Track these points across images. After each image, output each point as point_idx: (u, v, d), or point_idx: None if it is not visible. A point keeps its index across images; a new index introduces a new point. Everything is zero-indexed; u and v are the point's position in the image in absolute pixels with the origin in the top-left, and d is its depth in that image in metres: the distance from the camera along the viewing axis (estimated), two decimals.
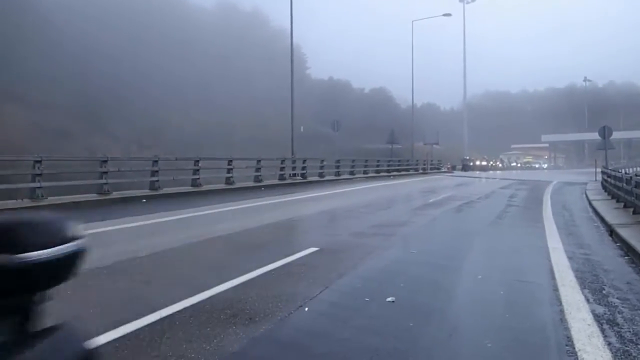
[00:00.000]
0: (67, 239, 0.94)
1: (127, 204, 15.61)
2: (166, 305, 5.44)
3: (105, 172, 16.39)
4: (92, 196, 16.00)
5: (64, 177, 16.54)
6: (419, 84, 51.83)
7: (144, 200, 16.64)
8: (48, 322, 0.99)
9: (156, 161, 18.39)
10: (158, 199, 17.08)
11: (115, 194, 16.56)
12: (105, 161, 16.42)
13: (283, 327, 5.07)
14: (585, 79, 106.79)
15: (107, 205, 15.35)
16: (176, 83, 59.96)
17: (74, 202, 14.89)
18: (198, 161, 20.41)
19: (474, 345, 4.75)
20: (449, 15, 56.72)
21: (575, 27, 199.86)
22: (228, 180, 22.12)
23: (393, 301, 5.89)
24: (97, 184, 16.59)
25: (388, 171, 41.78)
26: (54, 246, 0.91)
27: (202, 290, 6.02)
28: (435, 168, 52.60)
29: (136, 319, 5.03)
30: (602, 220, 13.76)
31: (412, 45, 51.34)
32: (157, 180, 18.25)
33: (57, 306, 3.92)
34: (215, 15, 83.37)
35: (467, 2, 76.78)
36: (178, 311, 5.34)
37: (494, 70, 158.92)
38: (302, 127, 31.20)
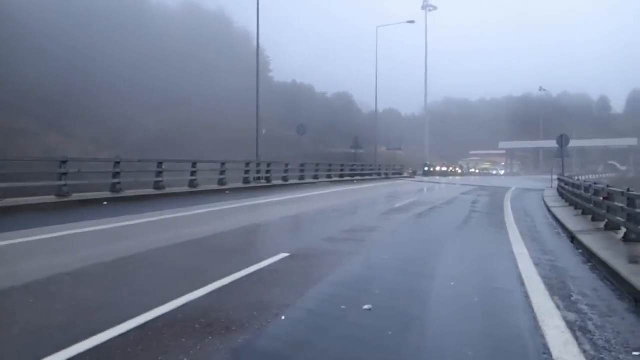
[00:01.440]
0: None
1: (87, 207, 15.16)
2: (137, 315, 5.24)
3: (65, 174, 15.83)
4: (51, 198, 15.43)
5: (19, 178, 15.93)
6: (381, 90, 52.30)
7: (105, 203, 16.17)
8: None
9: (118, 162, 17.92)
10: (120, 202, 16.66)
11: (75, 196, 15.99)
12: (65, 162, 15.87)
13: (262, 337, 4.95)
14: (540, 89, 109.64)
15: (67, 208, 14.86)
16: (137, 82, 58.80)
17: (30, 204, 14.33)
18: (161, 163, 20.00)
19: (456, 354, 4.75)
20: (412, 22, 57.48)
21: (533, 38, 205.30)
22: (192, 183, 21.79)
23: (370, 309, 5.86)
24: (55, 186, 15.96)
25: (352, 176, 41.93)
26: None
27: (174, 298, 5.85)
28: (397, 173, 53.07)
29: (106, 329, 4.83)
30: (563, 227, 14.08)
31: (376, 51, 51.85)
32: (119, 183, 17.79)
33: (19, 316, 3.74)
34: (179, 15, 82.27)
35: (430, 10, 77.84)
36: (150, 320, 5.15)
37: (454, 78, 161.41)
38: (264, 130, 30.97)
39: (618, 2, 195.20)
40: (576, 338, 5.20)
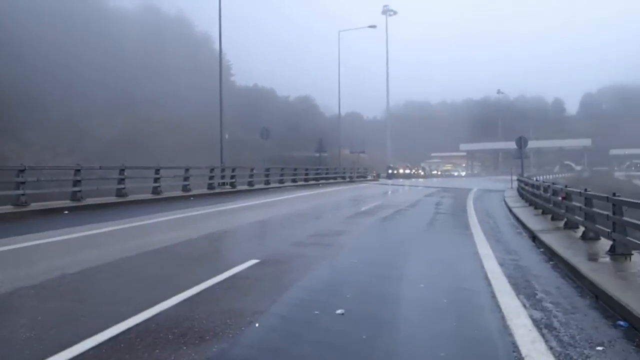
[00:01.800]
0: None
1: (48, 217, 14.76)
2: (108, 327, 5.15)
3: (23, 182, 15.35)
4: (7, 208, 14.94)
5: None
6: (343, 93, 52.69)
7: (67, 212, 15.78)
8: None
9: (78, 170, 17.52)
10: (82, 211, 16.29)
11: (34, 206, 15.53)
12: (23, 170, 15.41)
13: (237, 345, 4.95)
14: (498, 92, 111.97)
15: (26, 218, 14.44)
16: (93, 87, 57.51)
17: None
18: (123, 170, 19.65)
19: (429, 356, 4.85)
20: (374, 27, 58.04)
21: (491, 42, 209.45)
22: (155, 190, 21.47)
23: (343, 313, 5.92)
24: (12, 195, 15.40)
25: (317, 179, 42.02)
26: None
27: (145, 308, 5.78)
28: (361, 176, 53.40)
29: (76, 342, 4.73)
30: (524, 226, 14.45)
31: (338, 55, 52.17)
32: (80, 191, 17.38)
33: None
34: (138, 18, 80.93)
35: (390, 15, 78.65)
36: (122, 332, 5.07)
37: (415, 82, 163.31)
38: (227, 135, 30.77)
39: (570, 9, 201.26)
40: (543, 335, 5.37)
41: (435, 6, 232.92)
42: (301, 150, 69.91)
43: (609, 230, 9.13)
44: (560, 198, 13.70)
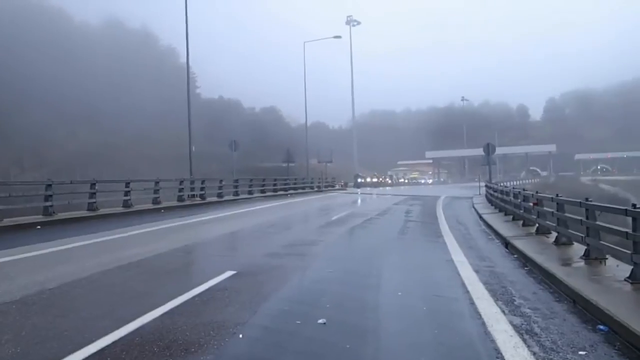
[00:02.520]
0: None
1: (21, 232, 14.39)
2: (92, 341, 5.09)
3: None
4: None
5: None
6: (309, 104, 52.71)
7: (39, 227, 15.43)
8: None
9: (50, 185, 17.17)
10: (54, 225, 15.92)
11: (6, 221, 15.16)
12: None
13: (222, 356, 4.90)
14: (462, 99, 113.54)
15: None
16: (59, 101, 56.54)
17: None
18: (94, 184, 19.28)
19: None
20: (339, 37, 58.46)
21: (453, 50, 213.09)
22: (126, 203, 21.11)
23: (324, 323, 5.90)
24: None
25: (285, 190, 41.91)
26: None
27: (127, 322, 5.69)
28: (330, 185, 53.48)
29: (63, 356, 4.69)
30: (496, 233, 14.63)
31: (304, 66, 52.33)
32: (52, 205, 17.03)
33: None
34: (102, 32, 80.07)
35: (354, 25, 79.12)
36: (107, 346, 5.01)
37: (379, 91, 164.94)
38: (193, 147, 30.47)
39: (532, 17, 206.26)
40: (524, 341, 5.43)
41: (399, 16, 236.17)
42: (268, 160, 69.82)
43: (583, 235, 9.29)
44: (531, 204, 13.90)
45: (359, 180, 61.63)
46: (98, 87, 63.65)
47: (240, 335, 5.45)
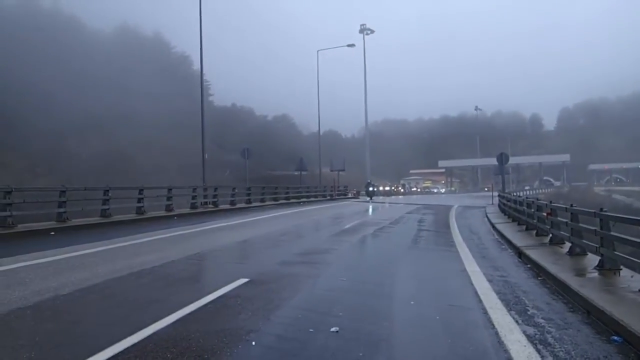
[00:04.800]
0: None
1: (35, 238, 14.51)
2: (106, 347, 5.12)
3: (10, 204, 15.14)
4: None
5: None
6: (321, 112, 52.83)
7: (53, 233, 15.57)
8: None
9: (64, 191, 17.33)
10: (67, 231, 16.06)
11: (20, 227, 15.33)
12: (10, 192, 15.19)
13: None
14: (476, 108, 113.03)
15: (13, 239, 14.17)
16: (72, 109, 57.03)
17: None
18: (108, 190, 19.44)
19: None
20: (352, 45, 58.60)
21: (466, 59, 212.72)
22: (139, 210, 21.25)
23: (337, 331, 5.91)
24: None
25: (297, 198, 41.97)
26: None
27: (140, 328, 5.72)
28: (342, 194, 53.44)
29: None
30: (509, 243, 14.55)
31: (317, 74, 52.49)
32: (65, 212, 17.19)
33: None
34: (115, 39, 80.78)
35: (367, 34, 79.31)
36: (120, 352, 5.04)
37: (392, 99, 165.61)
38: (206, 154, 30.67)
39: (543, 26, 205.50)
40: (538, 351, 5.41)
41: (412, 26, 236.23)
42: (280, 168, 69.98)
43: (597, 245, 9.22)
44: (545, 214, 13.83)
45: (371, 188, 53.78)
46: (110, 94, 64.14)
47: (253, 343, 5.47)
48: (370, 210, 32.97)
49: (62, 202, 17.17)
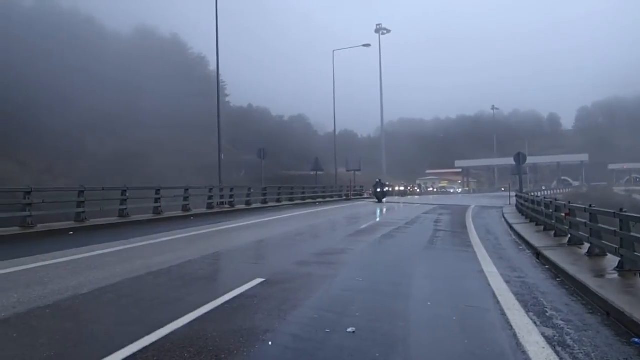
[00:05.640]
0: None
1: (54, 238, 14.70)
2: (124, 346, 5.16)
3: (29, 204, 15.35)
4: (15, 230, 14.89)
5: None
6: (337, 112, 52.75)
7: (72, 233, 15.75)
8: None
9: (82, 191, 17.51)
10: (86, 231, 16.24)
11: (40, 227, 15.55)
12: (29, 192, 15.40)
13: None
14: (493, 107, 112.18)
15: (33, 239, 14.39)
16: (90, 110, 57.67)
17: None
18: (125, 191, 19.61)
19: None
20: (368, 45, 58.47)
21: (482, 59, 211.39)
22: (156, 210, 21.43)
23: (354, 332, 5.90)
24: (18, 217, 15.42)
25: (313, 198, 41.99)
26: None
27: (158, 328, 5.76)
28: (358, 194, 53.35)
29: None
30: (527, 243, 14.42)
31: (333, 74, 52.45)
32: (84, 212, 17.39)
33: (4, 351, 3.65)
34: (133, 41, 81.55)
35: (383, 34, 79.26)
36: (139, 351, 5.08)
37: (408, 99, 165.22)
38: (222, 155, 30.83)
39: (561, 25, 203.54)
40: (557, 353, 5.35)
41: (428, 24, 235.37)
42: (295, 168, 70.08)
43: (617, 246, 9.11)
44: (564, 214, 13.68)
45: (380, 189, 45.58)
46: (127, 95, 64.74)
47: (270, 343, 5.49)
48: (387, 210, 32.88)
49: (81, 202, 17.36)
